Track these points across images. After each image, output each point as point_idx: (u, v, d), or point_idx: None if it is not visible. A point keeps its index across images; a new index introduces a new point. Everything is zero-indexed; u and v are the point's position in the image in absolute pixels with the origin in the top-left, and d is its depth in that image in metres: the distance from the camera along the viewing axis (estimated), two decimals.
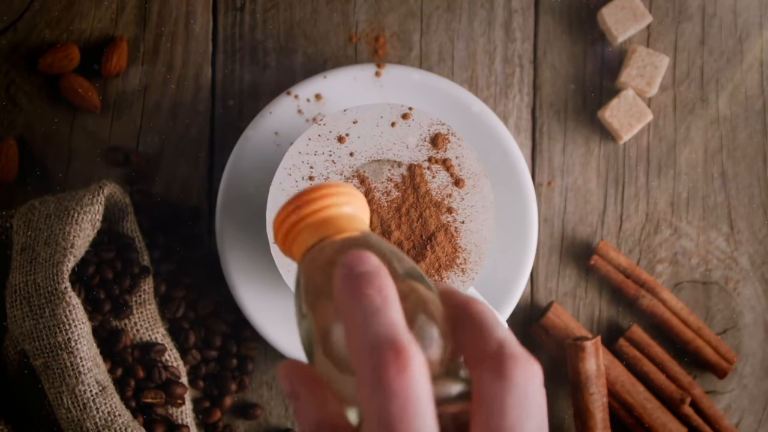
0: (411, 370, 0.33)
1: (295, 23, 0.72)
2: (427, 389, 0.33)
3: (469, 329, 0.36)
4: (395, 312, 0.34)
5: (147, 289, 0.68)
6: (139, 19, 0.71)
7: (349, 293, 0.35)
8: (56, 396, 0.61)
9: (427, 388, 0.33)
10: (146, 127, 0.71)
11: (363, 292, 0.35)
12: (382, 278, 0.35)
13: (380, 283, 0.35)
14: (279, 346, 0.68)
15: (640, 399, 0.70)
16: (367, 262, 0.36)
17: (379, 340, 0.33)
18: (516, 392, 0.34)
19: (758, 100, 0.73)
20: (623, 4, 0.70)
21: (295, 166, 0.64)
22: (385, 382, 0.33)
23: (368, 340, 0.33)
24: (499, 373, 0.34)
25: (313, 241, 0.39)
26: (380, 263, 0.36)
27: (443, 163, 0.64)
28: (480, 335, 0.36)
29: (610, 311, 0.72)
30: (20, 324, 0.62)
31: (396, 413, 0.32)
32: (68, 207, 0.63)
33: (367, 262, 0.36)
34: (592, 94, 0.72)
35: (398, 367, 0.33)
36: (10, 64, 0.71)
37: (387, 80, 0.68)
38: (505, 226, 0.68)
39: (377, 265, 0.36)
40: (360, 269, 0.35)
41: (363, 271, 0.35)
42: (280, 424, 0.71)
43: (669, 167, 0.72)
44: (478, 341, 0.36)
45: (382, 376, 0.33)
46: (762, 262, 0.72)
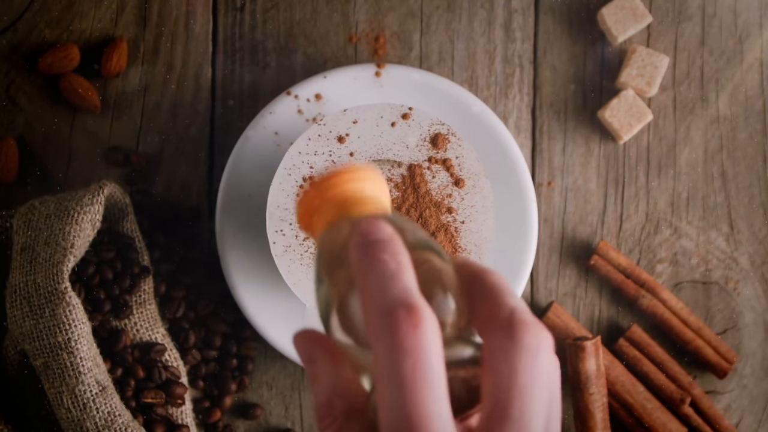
0: (423, 328, 0.33)
1: (295, 23, 0.72)
2: (438, 347, 0.34)
3: (482, 298, 0.37)
4: (408, 277, 0.35)
5: (147, 289, 0.68)
6: (139, 19, 0.71)
7: (363, 259, 0.36)
8: (56, 396, 0.61)
9: (438, 347, 0.34)
10: (146, 127, 0.71)
11: (377, 258, 0.35)
12: (396, 245, 0.36)
13: (394, 249, 0.36)
14: (279, 346, 0.68)
15: (640, 399, 0.70)
16: (382, 230, 0.37)
17: (393, 301, 0.34)
18: (526, 356, 0.35)
19: (758, 100, 0.73)
20: (623, 4, 0.70)
21: (295, 166, 0.64)
22: (397, 338, 0.33)
23: (382, 302, 0.34)
24: (509, 337, 0.35)
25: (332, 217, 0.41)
26: (394, 232, 0.37)
27: (443, 163, 0.64)
28: (492, 303, 0.36)
29: (610, 311, 0.72)
30: (20, 324, 0.62)
31: (407, 368, 0.33)
32: (68, 207, 0.63)
33: (381, 230, 0.37)
34: (592, 94, 0.72)
35: (410, 323, 0.33)
36: (10, 64, 0.71)
37: (387, 80, 0.68)
38: (505, 226, 0.68)
39: (391, 233, 0.37)
40: (374, 236, 0.36)
41: (377, 239, 0.36)
42: (280, 424, 0.71)
43: (669, 167, 0.72)
44: (491, 309, 0.36)
45: (394, 332, 0.33)
46: (762, 262, 0.72)
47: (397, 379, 0.33)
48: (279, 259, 0.63)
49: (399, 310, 0.34)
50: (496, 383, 0.35)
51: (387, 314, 0.34)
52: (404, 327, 0.33)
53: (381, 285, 0.35)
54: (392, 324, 0.33)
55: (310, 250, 0.63)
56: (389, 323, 0.34)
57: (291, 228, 0.63)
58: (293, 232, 0.63)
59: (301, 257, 0.63)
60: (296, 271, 0.63)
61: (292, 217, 0.63)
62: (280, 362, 0.71)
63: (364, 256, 0.36)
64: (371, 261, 0.35)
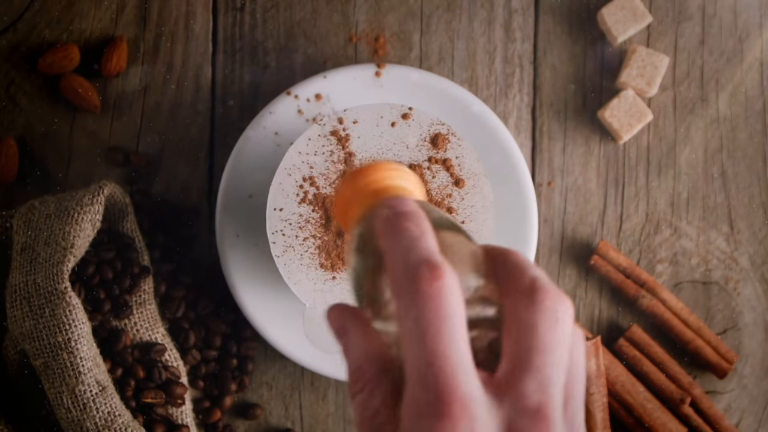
0: (444, 281, 0.35)
1: (295, 23, 0.72)
2: (459, 300, 0.36)
3: (506, 273, 0.38)
4: (431, 241, 0.37)
5: (147, 289, 0.68)
6: (139, 19, 0.71)
7: (390, 228, 0.38)
8: (56, 396, 0.61)
9: (459, 299, 0.36)
10: (146, 127, 0.71)
11: (401, 225, 0.38)
12: (419, 216, 0.39)
13: (418, 219, 0.38)
14: (279, 346, 0.68)
15: (640, 399, 0.70)
16: (407, 204, 0.39)
17: (417, 260, 0.36)
18: (547, 316, 0.36)
19: (758, 100, 0.73)
20: (623, 4, 0.70)
21: (295, 166, 0.64)
22: (420, 289, 0.35)
23: (405, 262, 0.36)
24: (532, 299, 0.36)
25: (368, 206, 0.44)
26: (419, 207, 0.39)
27: (443, 163, 0.64)
28: (515, 274, 0.38)
29: (610, 311, 0.72)
30: (20, 324, 0.62)
31: (429, 318, 0.35)
32: (68, 207, 0.63)
33: (407, 204, 0.39)
34: (592, 94, 0.72)
35: (432, 276, 0.35)
36: (10, 64, 0.71)
37: (387, 80, 0.68)
38: (505, 226, 0.68)
39: (416, 207, 0.39)
40: (400, 209, 0.39)
41: (403, 211, 0.39)
42: (280, 424, 0.71)
43: (669, 167, 0.72)
44: (513, 279, 0.38)
45: (418, 285, 0.35)
46: (762, 262, 0.72)
47: (419, 326, 0.35)
48: (279, 259, 0.63)
49: (421, 266, 0.36)
50: (517, 339, 0.36)
51: (410, 270, 0.36)
52: (426, 280, 0.35)
53: (406, 249, 0.37)
54: (415, 278, 0.35)
55: (310, 250, 0.63)
56: (412, 277, 0.35)
57: (291, 228, 0.63)
58: (293, 232, 0.63)
59: (301, 257, 0.63)
60: (296, 271, 0.63)
61: (292, 217, 0.63)
62: (280, 362, 0.71)
63: (391, 226, 0.38)
64: (397, 229, 0.38)
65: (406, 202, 0.39)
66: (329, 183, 0.64)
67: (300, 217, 0.63)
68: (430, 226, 0.38)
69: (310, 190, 0.64)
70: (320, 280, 0.63)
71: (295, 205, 0.63)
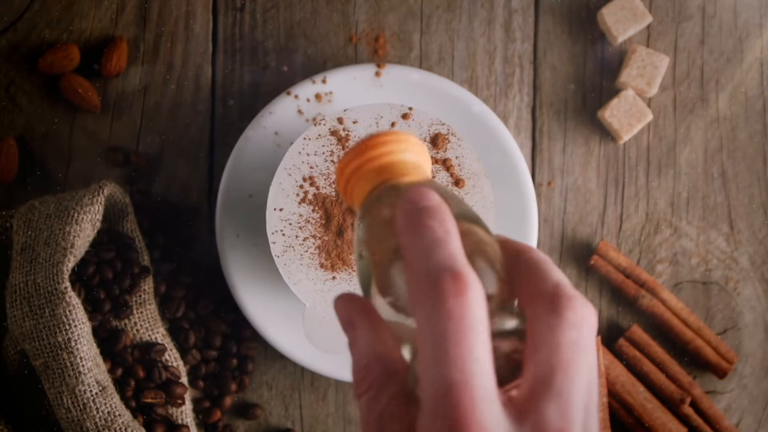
0: (469, 295, 0.33)
1: (295, 23, 0.72)
2: (483, 315, 0.33)
3: (526, 272, 0.37)
4: (455, 244, 0.35)
5: (147, 289, 0.68)
6: (139, 19, 0.72)
7: (411, 225, 0.35)
8: (56, 396, 0.61)
9: (483, 315, 0.33)
10: (146, 127, 0.71)
11: (425, 224, 0.35)
12: (443, 212, 0.36)
13: (442, 216, 0.35)
14: (279, 346, 0.68)
15: (640, 399, 0.70)
16: (430, 197, 0.36)
17: (439, 266, 0.34)
18: (570, 330, 0.35)
19: (758, 100, 0.73)
20: (623, 4, 0.70)
21: (295, 166, 0.64)
22: (443, 304, 0.33)
23: (427, 268, 0.34)
24: (554, 310, 0.35)
25: (374, 185, 0.40)
26: (442, 200, 0.37)
27: (443, 163, 0.64)
28: (537, 277, 0.36)
29: (610, 311, 0.72)
30: (20, 324, 0.62)
31: (452, 335, 0.32)
32: (68, 207, 0.63)
33: (430, 197, 0.36)
34: (592, 94, 0.72)
35: (456, 290, 0.33)
36: (10, 64, 0.71)
37: (387, 80, 0.68)
38: (505, 226, 0.68)
39: (440, 201, 0.36)
40: (423, 203, 0.36)
41: (426, 205, 0.36)
42: (280, 424, 0.71)
43: (669, 167, 0.72)
44: (535, 283, 0.36)
45: (440, 298, 0.33)
46: (762, 262, 0.72)
47: (441, 346, 0.33)
48: (279, 259, 0.63)
49: (445, 276, 0.33)
50: (540, 356, 0.34)
51: (432, 280, 0.33)
52: (450, 293, 0.33)
53: (427, 251, 0.34)
54: (438, 290, 0.33)
55: (310, 250, 0.63)
56: (434, 289, 0.33)
57: (291, 228, 0.63)
58: (293, 232, 0.63)
59: (301, 257, 0.63)
60: (296, 271, 0.63)
61: (292, 217, 0.63)
62: (280, 362, 0.71)
63: (412, 223, 0.35)
64: (419, 227, 0.35)
65: (429, 194, 0.36)
66: (329, 183, 0.64)
67: (300, 217, 0.63)
68: (454, 222, 0.36)
69: (310, 190, 0.64)
70: (320, 280, 0.63)
71: (295, 205, 0.63)
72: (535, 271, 0.37)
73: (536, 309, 0.35)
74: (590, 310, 0.35)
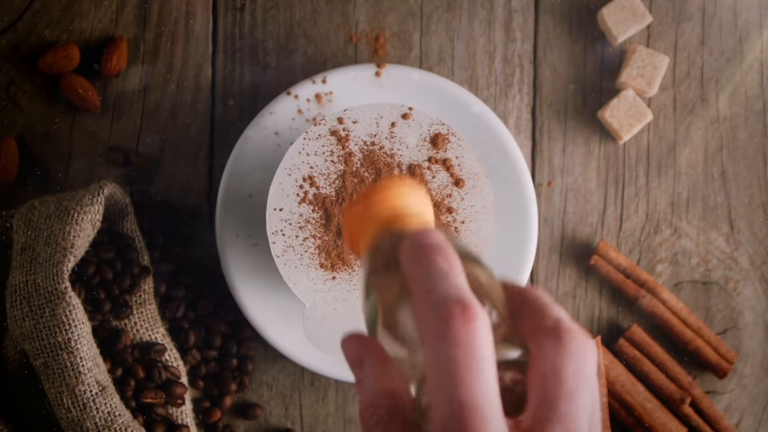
0: (476, 323, 0.34)
1: (295, 23, 0.72)
2: (490, 343, 0.34)
3: (528, 311, 0.38)
4: (461, 277, 0.36)
5: (147, 289, 0.68)
6: (139, 19, 0.72)
7: (417, 261, 0.37)
8: (56, 396, 0.61)
9: (490, 343, 0.34)
10: (146, 127, 0.71)
11: (430, 259, 0.37)
12: (447, 248, 0.37)
13: (446, 252, 0.37)
14: (279, 346, 0.68)
15: (640, 399, 0.70)
16: (435, 236, 0.38)
17: (446, 297, 0.35)
18: (573, 360, 0.36)
19: (758, 100, 0.73)
20: (623, 4, 0.70)
21: (295, 166, 0.64)
22: (451, 332, 0.34)
23: (435, 299, 0.35)
24: (557, 343, 0.36)
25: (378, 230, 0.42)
26: (446, 238, 0.38)
27: (443, 163, 0.64)
28: (538, 314, 0.37)
29: (610, 311, 0.72)
30: (20, 324, 0.62)
31: (460, 363, 0.34)
32: (68, 207, 0.63)
33: (434, 236, 0.38)
34: (592, 94, 0.72)
35: (464, 319, 0.34)
36: (10, 64, 0.71)
37: (387, 80, 0.68)
38: (505, 226, 0.68)
39: (444, 239, 0.38)
40: (428, 241, 0.38)
41: (431, 242, 0.37)
42: (280, 424, 0.71)
43: (669, 167, 0.72)
44: (537, 319, 0.37)
45: (448, 327, 0.34)
46: (762, 262, 0.72)
47: (450, 371, 0.34)
48: (279, 259, 0.63)
49: (453, 306, 0.34)
50: (543, 385, 0.36)
51: (440, 309, 0.34)
52: (458, 321, 0.34)
53: (434, 284, 0.36)
54: (446, 319, 0.34)
55: (310, 250, 0.63)
56: (443, 318, 0.34)
57: (291, 228, 0.63)
58: (293, 232, 0.63)
59: (300, 257, 0.63)
60: (296, 271, 0.63)
61: (292, 217, 0.63)
62: (280, 362, 0.71)
63: (417, 258, 0.37)
64: (424, 261, 0.37)
65: (433, 234, 0.38)
66: (329, 183, 0.64)
67: (300, 217, 0.63)
68: (459, 260, 0.37)
69: (310, 190, 0.64)
70: (320, 280, 0.63)
71: (295, 205, 0.63)
72: (536, 308, 0.38)
73: (539, 341, 0.36)
74: (591, 343, 0.37)
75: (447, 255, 0.37)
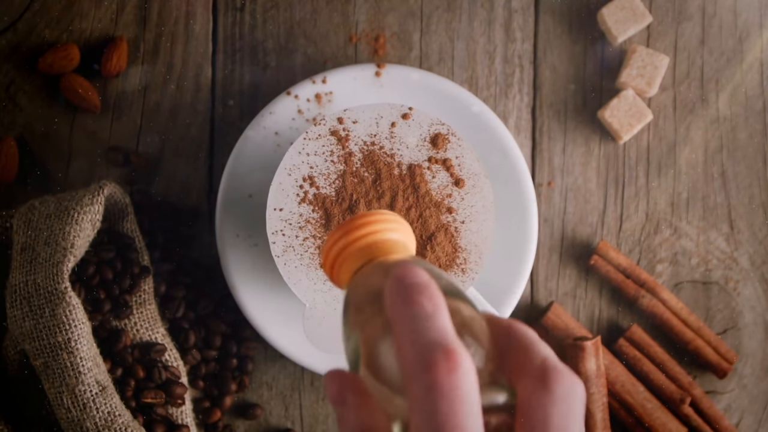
0: (461, 371, 0.33)
1: (295, 23, 0.72)
2: (475, 391, 0.34)
3: (513, 348, 0.37)
4: (445, 319, 0.35)
5: (147, 289, 0.68)
6: (139, 19, 0.72)
7: (400, 301, 0.36)
8: (56, 396, 0.61)
9: (475, 391, 0.34)
10: (146, 127, 0.71)
11: (414, 300, 0.36)
12: (432, 288, 0.36)
13: (431, 292, 0.36)
14: (279, 346, 0.68)
15: (640, 399, 0.70)
16: (418, 274, 0.37)
17: (430, 343, 0.34)
18: (560, 405, 0.35)
19: (758, 100, 0.73)
20: (623, 4, 0.70)
21: (295, 166, 0.64)
22: (436, 381, 0.33)
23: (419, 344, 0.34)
24: (543, 385, 0.36)
25: (360, 264, 0.41)
26: (430, 277, 0.37)
27: (443, 163, 0.64)
28: (524, 352, 0.37)
29: (610, 311, 0.72)
30: (20, 324, 0.62)
31: (445, 412, 0.33)
32: (68, 207, 0.63)
33: (418, 274, 0.37)
34: (592, 94, 0.72)
35: (449, 367, 0.33)
36: (10, 64, 0.71)
37: (387, 80, 0.68)
38: (505, 226, 0.68)
39: (428, 277, 0.37)
40: (411, 280, 0.36)
41: (414, 282, 0.36)
42: (280, 424, 0.71)
43: (669, 167, 0.72)
44: (522, 357, 0.37)
45: (432, 375, 0.33)
46: (762, 262, 0.72)
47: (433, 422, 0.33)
48: (279, 259, 0.63)
49: (437, 353, 0.34)
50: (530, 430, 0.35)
51: (424, 357, 0.34)
52: (442, 370, 0.33)
53: (418, 327, 0.35)
54: (430, 367, 0.33)
55: (310, 250, 0.63)
56: (427, 366, 0.34)
57: (291, 228, 0.63)
58: (293, 232, 0.63)
59: (300, 257, 0.63)
60: (296, 271, 0.63)
61: (292, 217, 0.63)
62: (280, 362, 0.71)
63: (401, 299, 0.36)
64: (408, 303, 0.36)
65: (417, 272, 0.37)
66: (329, 183, 0.64)
67: (300, 217, 0.63)
68: (443, 297, 0.36)
69: (310, 190, 0.64)
70: (320, 280, 0.63)
71: (295, 205, 0.63)
72: (522, 346, 0.37)
73: (526, 384, 0.36)
74: (578, 384, 0.36)
75: (431, 295, 0.36)
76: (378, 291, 0.38)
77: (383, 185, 0.64)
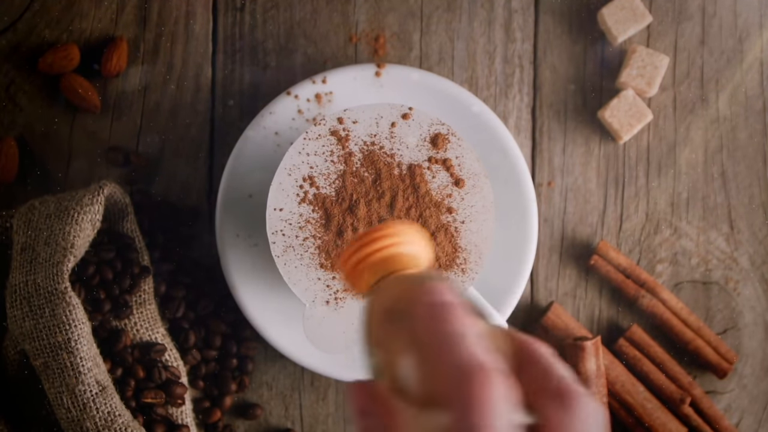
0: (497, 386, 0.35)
1: (295, 23, 0.72)
2: (510, 407, 0.35)
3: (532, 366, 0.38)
4: (477, 337, 0.37)
5: (147, 289, 0.68)
6: (139, 19, 0.72)
7: (433, 320, 0.37)
8: (56, 396, 0.61)
9: (510, 407, 0.35)
10: (146, 127, 0.71)
11: (447, 319, 0.37)
12: (463, 308, 0.38)
13: (462, 311, 0.38)
14: (279, 346, 0.68)
15: (640, 399, 0.70)
16: (448, 293, 0.38)
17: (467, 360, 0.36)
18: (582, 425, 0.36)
19: (758, 100, 0.73)
20: (623, 4, 0.70)
21: (295, 166, 0.64)
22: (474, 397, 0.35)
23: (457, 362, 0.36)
24: (565, 407, 0.36)
25: (380, 276, 0.42)
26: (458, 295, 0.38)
27: (443, 163, 0.64)
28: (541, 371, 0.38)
29: (610, 311, 0.72)
30: (20, 324, 0.62)
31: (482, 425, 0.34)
32: (68, 207, 0.63)
33: (447, 293, 0.38)
34: (592, 94, 0.72)
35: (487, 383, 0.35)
36: (10, 64, 0.71)
37: (387, 80, 0.68)
38: (505, 226, 0.68)
39: (458, 296, 0.38)
40: (442, 299, 0.38)
41: (444, 301, 0.38)
42: (280, 424, 0.71)
43: (669, 167, 0.72)
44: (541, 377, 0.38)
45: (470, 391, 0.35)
46: (762, 262, 0.72)
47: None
48: (279, 259, 0.63)
49: (475, 370, 0.35)
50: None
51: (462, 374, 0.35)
52: (480, 385, 0.35)
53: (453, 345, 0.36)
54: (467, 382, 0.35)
55: (310, 250, 0.63)
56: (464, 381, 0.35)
57: (291, 228, 0.63)
58: (293, 232, 0.63)
59: (300, 257, 0.63)
60: (296, 271, 0.63)
61: (292, 217, 0.63)
62: (280, 362, 0.71)
63: (434, 318, 0.37)
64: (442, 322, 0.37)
65: (446, 290, 0.38)
66: (329, 183, 0.64)
67: (300, 217, 0.63)
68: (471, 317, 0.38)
69: (310, 190, 0.64)
70: (320, 281, 0.63)
71: (295, 205, 0.63)
72: (540, 365, 0.38)
73: (546, 404, 0.37)
74: (598, 406, 0.37)
75: (462, 315, 0.37)
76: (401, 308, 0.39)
77: (383, 185, 0.64)
